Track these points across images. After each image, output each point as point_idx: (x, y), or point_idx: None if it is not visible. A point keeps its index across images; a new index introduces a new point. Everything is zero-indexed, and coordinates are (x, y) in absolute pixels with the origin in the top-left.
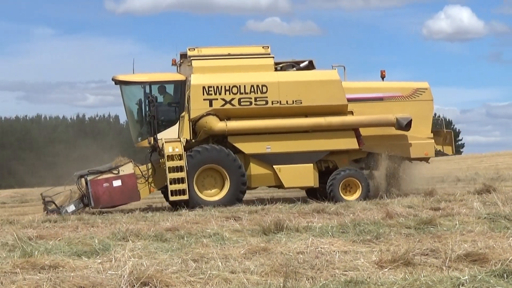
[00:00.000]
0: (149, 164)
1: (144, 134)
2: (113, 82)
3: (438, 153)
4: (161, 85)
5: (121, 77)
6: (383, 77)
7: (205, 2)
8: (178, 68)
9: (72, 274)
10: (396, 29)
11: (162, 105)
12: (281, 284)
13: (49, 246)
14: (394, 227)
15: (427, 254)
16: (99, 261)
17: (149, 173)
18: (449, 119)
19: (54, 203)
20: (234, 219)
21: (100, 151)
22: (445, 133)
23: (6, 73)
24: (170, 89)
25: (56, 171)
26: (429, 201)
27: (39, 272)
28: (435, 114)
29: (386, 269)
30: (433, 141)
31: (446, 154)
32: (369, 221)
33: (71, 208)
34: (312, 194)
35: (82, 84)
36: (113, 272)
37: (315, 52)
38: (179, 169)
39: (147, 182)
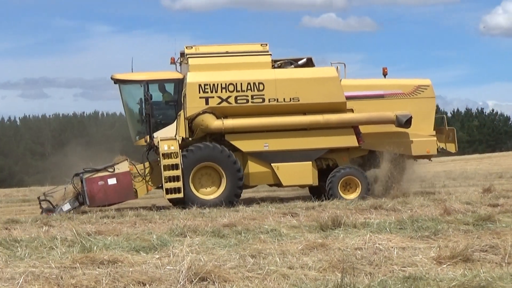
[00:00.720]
0: (147, 163)
1: (142, 133)
2: (112, 81)
3: (441, 151)
4: (159, 83)
5: (119, 76)
6: (385, 74)
7: None
8: (180, 66)
9: (130, 269)
10: (453, 24)
11: (160, 104)
12: (339, 280)
13: (107, 241)
14: (452, 223)
15: (486, 251)
16: (157, 256)
17: (146, 172)
18: (507, 115)
19: (49, 202)
20: (291, 215)
21: None
22: (448, 130)
23: (64, 70)
24: (169, 87)
25: None
26: (487, 198)
27: (98, 267)
28: (441, 111)
29: (444, 265)
30: (435, 138)
31: (449, 152)
32: (427, 218)
33: (67, 206)
34: (316, 192)
35: None
36: (172, 268)
37: (370, 48)
38: (174, 167)
39: (144, 181)
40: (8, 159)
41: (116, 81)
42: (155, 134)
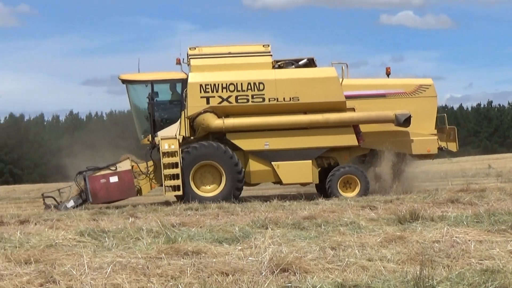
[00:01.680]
0: (151, 161)
1: (147, 132)
2: (120, 81)
3: (442, 150)
4: (164, 83)
5: (126, 76)
6: (388, 74)
7: None
8: (188, 67)
9: (214, 260)
10: None
11: (164, 103)
12: (418, 272)
13: (191, 233)
14: None
15: None
16: (240, 247)
17: (149, 170)
18: None
19: (54, 198)
20: (370, 208)
21: None
22: (449, 129)
23: (152, 67)
24: (174, 87)
25: None
26: None
27: (183, 258)
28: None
29: None
30: (436, 137)
31: (451, 151)
32: (504, 212)
33: (70, 203)
34: (323, 190)
35: None
36: (254, 259)
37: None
38: (174, 165)
39: (148, 178)
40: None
41: (123, 81)
42: (160, 133)
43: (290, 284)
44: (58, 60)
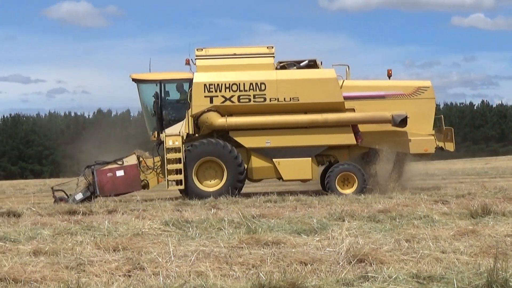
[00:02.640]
0: (158, 157)
1: (155, 129)
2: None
3: (439, 150)
4: (172, 83)
5: (136, 76)
6: (389, 76)
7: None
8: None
9: (293, 250)
10: None
11: (172, 102)
12: (491, 265)
13: (271, 224)
14: None
15: None
16: (318, 239)
17: (155, 165)
18: None
19: (64, 191)
20: (442, 202)
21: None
22: (446, 130)
23: None
24: (182, 87)
25: None
26: None
27: (263, 248)
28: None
29: None
30: (433, 138)
31: (448, 151)
32: None
33: (79, 196)
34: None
35: None
36: (331, 249)
37: None
38: (178, 161)
39: (155, 173)
40: None
41: (133, 81)
42: (167, 130)
43: (367, 274)
44: (143, 58)
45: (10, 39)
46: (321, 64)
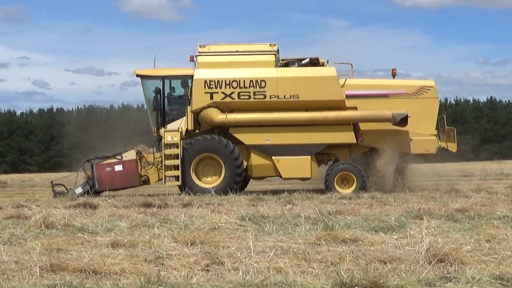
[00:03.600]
0: (158, 153)
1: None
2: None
3: (442, 150)
4: (175, 79)
5: (140, 72)
6: (394, 75)
7: None
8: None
9: (371, 248)
10: None
11: (173, 98)
12: None
13: (348, 221)
14: None
15: None
16: (396, 237)
17: (155, 161)
18: None
19: (64, 186)
20: None
21: None
22: (448, 130)
23: None
24: (185, 83)
25: None
26: None
27: (340, 245)
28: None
29: None
30: (435, 138)
31: (451, 151)
32: None
33: (79, 190)
34: None
35: (370, 72)
36: (410, 248)
37: None
38: (175, 156)
39: (156, 168)
40: None
41: (138, 76)
42: (169, 126)
43: (448, 275)
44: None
45: (86, 32)
46: (327, 62)
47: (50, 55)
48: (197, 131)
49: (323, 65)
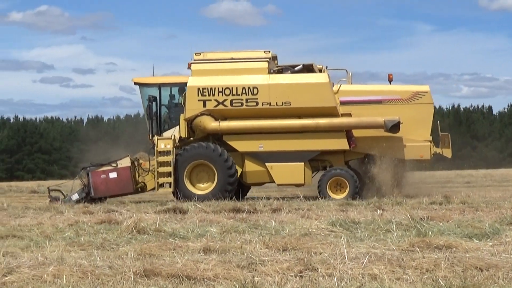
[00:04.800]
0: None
1: (156, 132)
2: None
3: (437, 156)
4: (172, 87)
5: (138, 80)
6: (390, 81)
7: None
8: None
9: (467, 255)
10: None
11: (171, 105)
12: None
13: (440, 227)
14: None
15: None
16: (491, 244)
17: (151, 168)
18: None
19: (61, 191)
20: None
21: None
22: (442, 136)
23: (387, 65)
24: (183, 91)
25: None
26: None
27: (435, 251)
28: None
29: None
30: (430, 144)
31: (446, 157)
32: None
33: (75, 196)
34: None
35: (457, 76)
36: (507, 255)
37: None
38: (168, 164)
39: (152, 175)
40: None
41: (136, 84)
42: (165, 134)
43: None
44: (302, 58)
45: (171, 37)
46: (326, 68)
47: (136, 61)
48: (191, 138)
49: (320, 71)
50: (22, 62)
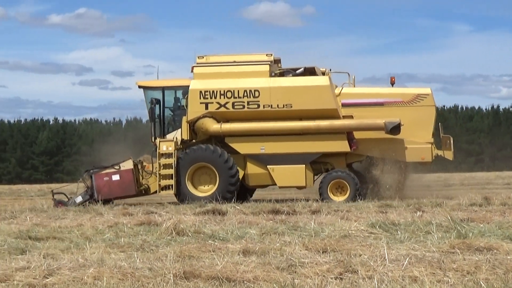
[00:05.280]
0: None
1: (160, 134)
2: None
3: (438, 158)
4: (175, 90)
5: (141, 83)
6: (392, 84)
7: None
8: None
9: (508, 257)
10: None
11: (174, 108)
12: None
13: (481, 228)
14: None
15: None
16: None
17: (154, 170)
18: None
19: (65, 194)
20: None
21: None
22: (444, 138)
23: (425, 66)
24: (186, 94)
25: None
26: None
27: (475, 253)
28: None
29: None
30: (431, 146)
31: (448, 159)
32: None
33: (79, 199)
34: None
35: (495, 77)
36: None
37: None
38: (170, 166)
39: (156, 178)
40: None
41: (140, 87)
42: (168, 136)
43: None
44: (341, 60)
45: (207, 39)
46: (330, 71)
47: (174, 63)
48: (193, 140)
49: (323, 74)
50: (61, 65)
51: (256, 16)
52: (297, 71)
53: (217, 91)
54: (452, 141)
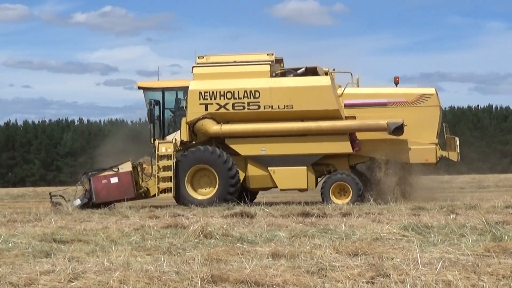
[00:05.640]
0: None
1: (159, 136)
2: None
3: (443, 160)
4: (175, 91)
5: (141, 84)
6: (396, 83)
7: None
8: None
9: None
10: None
11: (174, 109)
12: None
13: None
14: None
15: None
16: None
17: (153, 172)
18: None
19: (63, 197)
20: None
21: None
22: (449, 139)
23: (458, 65)
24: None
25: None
26: None
27: (510, 257)
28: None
29: None
30: (435, 147)
31: (452, 161)
32: None
33: (77, 202)
34: None
35: None
36: None
37: None
38: (169, 168)
39: (155, 180)
40: None
41: (139, 88)
42: (168, 137)
43: None
44: (370, 59)
45: (235, 37)
46: (333, 70)
47: None
48: (193, 142)
49: (326, 74)
50: (86, 64)
51: (285, 14)
52: (298, 71)
53: (217, 92)
54: (458, 142)
